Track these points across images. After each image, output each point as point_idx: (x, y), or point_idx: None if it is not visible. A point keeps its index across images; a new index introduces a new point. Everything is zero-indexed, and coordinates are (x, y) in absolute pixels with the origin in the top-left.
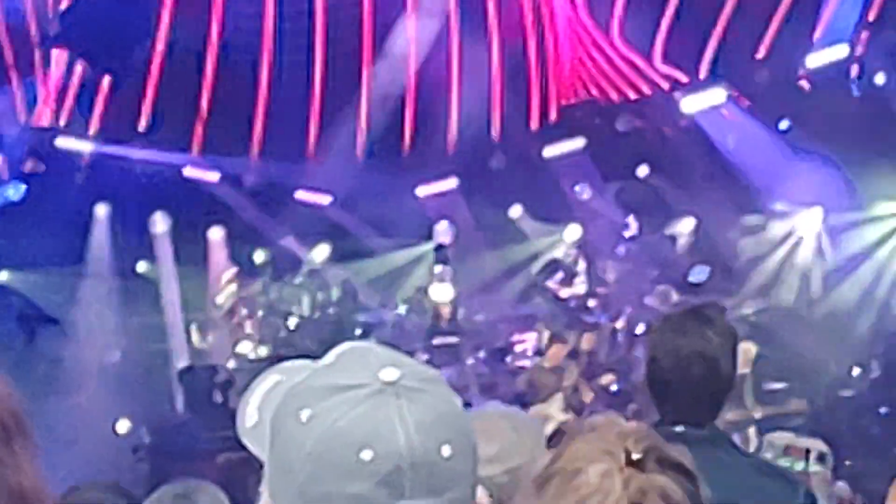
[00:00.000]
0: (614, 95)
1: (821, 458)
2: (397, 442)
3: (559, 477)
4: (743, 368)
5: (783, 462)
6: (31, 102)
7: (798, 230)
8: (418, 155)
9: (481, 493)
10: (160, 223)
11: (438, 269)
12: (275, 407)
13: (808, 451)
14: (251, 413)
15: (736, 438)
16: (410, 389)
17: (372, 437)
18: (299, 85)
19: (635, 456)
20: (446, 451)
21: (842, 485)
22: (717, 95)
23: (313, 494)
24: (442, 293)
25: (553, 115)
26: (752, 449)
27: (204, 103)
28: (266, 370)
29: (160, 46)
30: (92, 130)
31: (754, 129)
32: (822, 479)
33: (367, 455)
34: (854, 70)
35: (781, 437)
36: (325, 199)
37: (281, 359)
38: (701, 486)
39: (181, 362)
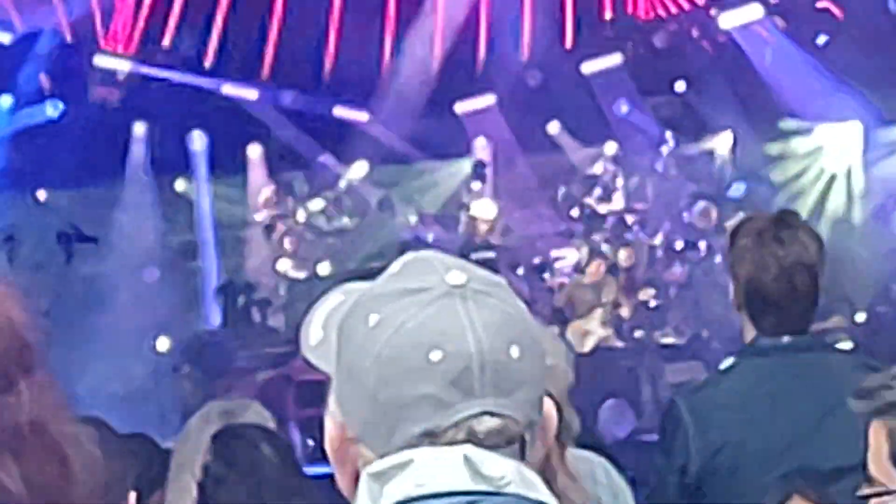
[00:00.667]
0: (652, 12)
1: None
2: (466, 342)
3: None
4: None
5: None
6: (74, 19)
7: (835, 145)
8: (451, 72)
9: (548, 402)
10: (198, 140)
11: (477, 185)
12: (340, 320)
13: None
14: (315, 331)
15: None
16: (477, 292)
17: (441, 337)
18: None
19: None
20: (515, 351)
21: None
22: (754, 11)
23: (383, 398)
24: (485, 210)
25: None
26: None
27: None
28: (303, 288)
29: None
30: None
31: (791, 46)
32: None
33: (436, 356)
34: None
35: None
36: (363, 116)
37: (318, 276)
38: None
39: (219, 280)
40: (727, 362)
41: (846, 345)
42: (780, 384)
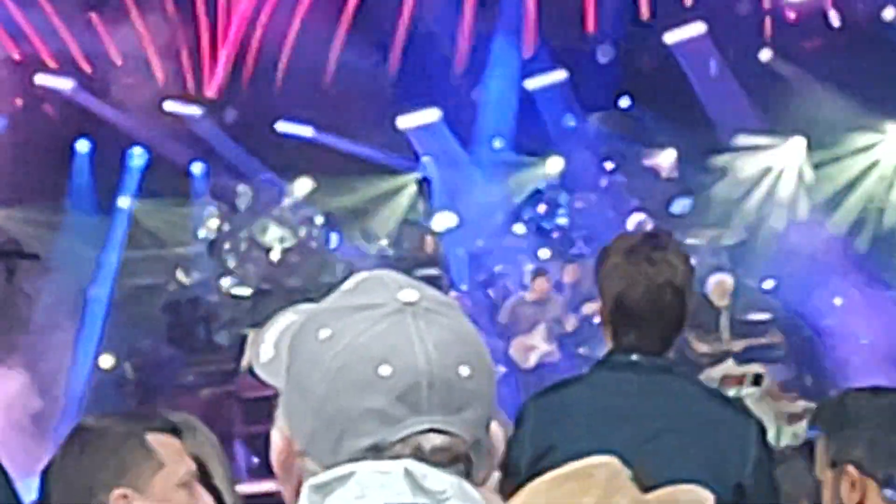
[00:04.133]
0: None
1: (756, 380)
2: (416, 358)
3: None
4: (721, 301)
5: None
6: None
7: (781, 161)
8: (397, 87)
9: (497, 427)
10: (140, 158)
11: (420, 201)
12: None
13: (742, 377)
14: (267, 349)
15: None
16: (429, 311)
17: (391, 352)
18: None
19: None
20: (464, 370)
21: (802, 403)
22: (697, 27)
23: (330, 410)
24: (445, 222)
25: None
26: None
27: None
28: (248, 305)
29: None
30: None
31: (735, 60)
32: (755, 399)
33: (385, 370)
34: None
35: (718, 370)
36: (306, 131)
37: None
38: None
39: (163, 297)
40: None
41: (722, 366)
42: (620, 399)
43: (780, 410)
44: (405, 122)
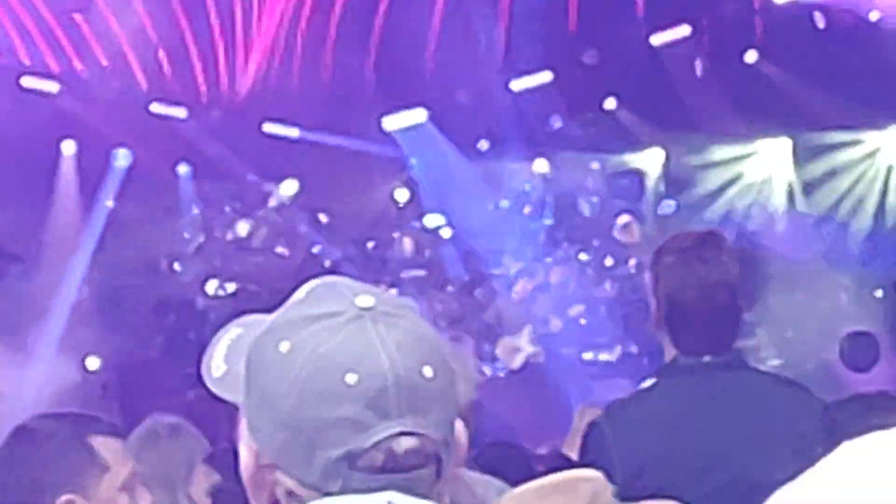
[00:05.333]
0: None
1: None
2: (380, 363)
3: None
4: None
5: None
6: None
7: (767, 162)
8: (383, 86)
9: (461, 425)
10: (125, 159)
11: (404, 196)
12: (245, 352)
13: None
14: (218, 364)
15: None
16: (386, 314)
17: (355, 360)
18: None
19: None
20: (428, 371)
21: None
22: (682, 29)
23: (300, 422)
24: (432, 223)
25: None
26: None
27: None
28: (234, 306)
29: None
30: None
31: (721, 62)
32: None
33: (351, 378)
34: None
35: None
36: (293, 132)
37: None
38: None
39: (149, 299)
40: (648, 382)
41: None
42: (701, 403)
43: None
44: (391, 123)
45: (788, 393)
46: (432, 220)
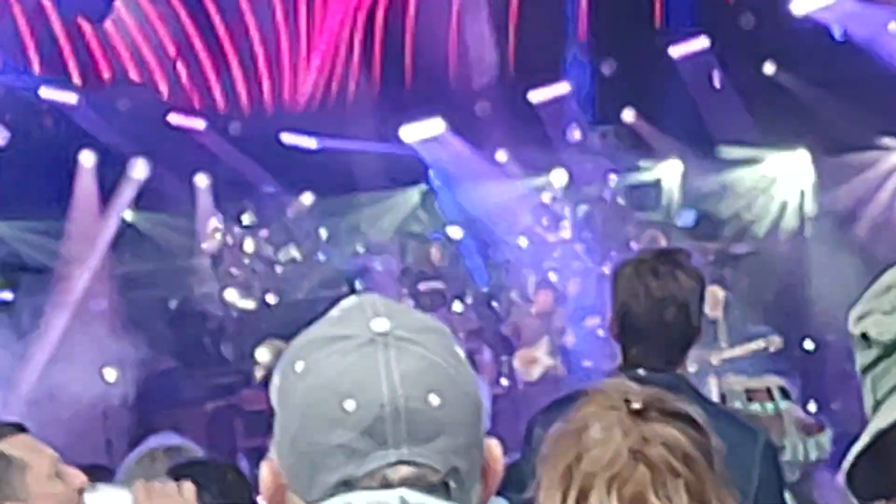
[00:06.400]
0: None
1: (785, 392)
2: (380, 392)
3: (567, 436)
4: (714, 312)
5: (754, 408)
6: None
7: (785, 174)
8: (398, 96)
9: (494, 443)
10: (144, 170)
11: (425, 213)
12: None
13: (769, 390)
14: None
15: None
16: (401, 339)
17: (356, 387)
18: None
19: (635, 406)
20: (434, 399)
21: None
22: (701, 41)
23: (303, 446)
24: (451, 234)
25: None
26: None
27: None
28: (252, 318)
29: None
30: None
31: (739, 73)
32: (791, 416)
33: (350, 405)
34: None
35: (737, 382)
36: (311, 143)
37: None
38: (712, 437)
39: (168, 310)
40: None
41: (737, 379)
42: None
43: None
44: (410, 133)
45: (723, 425)
46: (452, 231)
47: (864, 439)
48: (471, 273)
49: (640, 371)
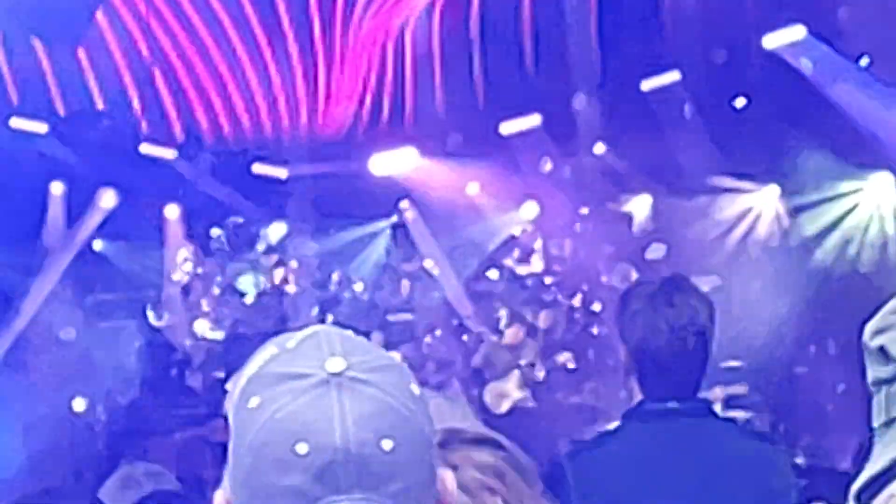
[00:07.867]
0: None
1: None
2: (333, 436)
3: None
4: None
5: None
6: None
7: (756, 207)
8: (374, 129)
9: (448, 474)
10: (112, 200)
11: (395, 246)
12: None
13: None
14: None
15: None
16: (355, 381)
17: (308, 430)
18: None
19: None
20: (387, 444)
21: None
22: (672, 75)
23: (254, 486)
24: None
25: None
26: None
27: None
28: (222, 349)
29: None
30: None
31: (710, 107)
32: None
33: (302, 448)
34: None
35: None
36: (282, 173)
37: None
38: (521, 456)
39: (137, 340)
40: (613, 425)
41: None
42: (664, 449)
43: None
44: (380, 164)
45: (755, 445)
46: (423, 263)
47: (882, 464)
48: (441, 305)
49: (671, 404)
